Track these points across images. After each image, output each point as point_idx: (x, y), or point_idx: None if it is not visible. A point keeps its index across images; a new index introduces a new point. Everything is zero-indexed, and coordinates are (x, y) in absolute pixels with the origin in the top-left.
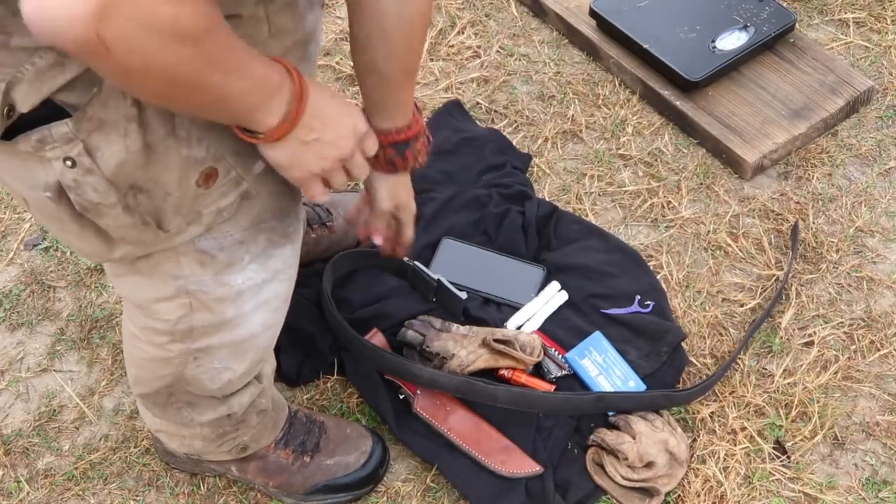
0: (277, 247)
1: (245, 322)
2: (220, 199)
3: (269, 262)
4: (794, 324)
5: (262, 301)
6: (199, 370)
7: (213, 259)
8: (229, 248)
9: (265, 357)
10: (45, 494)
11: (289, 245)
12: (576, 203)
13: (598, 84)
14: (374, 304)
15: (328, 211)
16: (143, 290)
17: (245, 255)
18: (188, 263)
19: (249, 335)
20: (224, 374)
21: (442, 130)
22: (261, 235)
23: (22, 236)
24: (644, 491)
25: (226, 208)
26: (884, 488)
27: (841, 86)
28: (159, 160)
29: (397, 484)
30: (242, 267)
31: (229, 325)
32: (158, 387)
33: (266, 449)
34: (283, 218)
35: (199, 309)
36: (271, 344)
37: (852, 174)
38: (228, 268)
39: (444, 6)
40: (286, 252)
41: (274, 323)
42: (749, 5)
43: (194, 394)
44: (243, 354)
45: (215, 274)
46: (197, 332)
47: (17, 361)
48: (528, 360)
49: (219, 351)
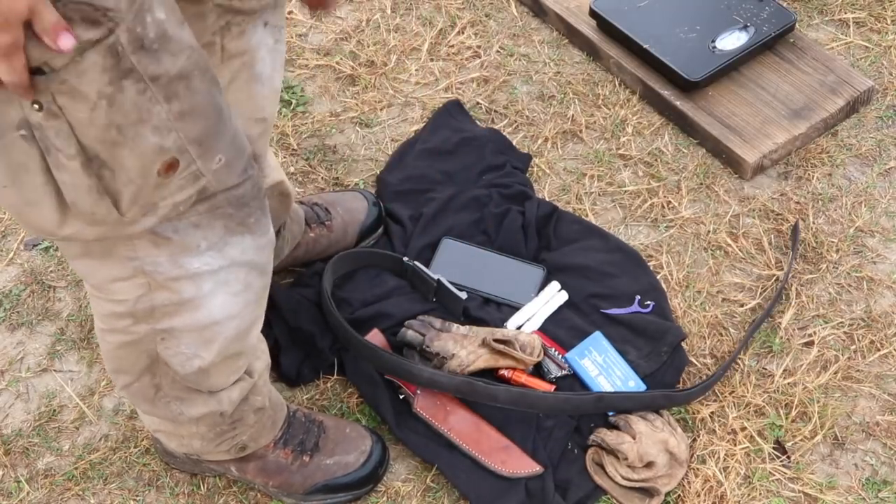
0: (234, 234)
1: (205, 304)
2: (178, 192)
3: (225, 250)
4: (794, 324)
5: (222, 283)
6: (169, 353)
7: (168, 241)
8: (184, 230)
9: (241, 351)
10: (45, 494)
11: (248, 235)
12: (576, 203)
13: (598, 84)
14: (374, 304)
15: (327, 210)
16: (99, 270)
17: (202, 240)
18: (142, 245)
19: (211, 320)
20: (194, 361)
21: (442, 130)
22: (217, 221)
23: (22, 236)
24: (644, 491)
25: (182, 202)
26: (884, 488)
27: (841, 86)
28: (126, 144)
29: (397, 484)
30: (199, 252)
31: (189, 306)
32: (139, 371)
33: (265, 449)
34: (240, 207)
35: (157, 288)
36: (242, 336)
37: (852, 174)
38: (184, 251)
39: (444, 6)
40: (245, 242)
41: (238, 313)
42: (749, 5)
43: (181, 386)
44: (210, 343)
45: (171, 255)
46: (158, 311)
47: (17, 361)
48: (528, 360)
49: (183, 335)
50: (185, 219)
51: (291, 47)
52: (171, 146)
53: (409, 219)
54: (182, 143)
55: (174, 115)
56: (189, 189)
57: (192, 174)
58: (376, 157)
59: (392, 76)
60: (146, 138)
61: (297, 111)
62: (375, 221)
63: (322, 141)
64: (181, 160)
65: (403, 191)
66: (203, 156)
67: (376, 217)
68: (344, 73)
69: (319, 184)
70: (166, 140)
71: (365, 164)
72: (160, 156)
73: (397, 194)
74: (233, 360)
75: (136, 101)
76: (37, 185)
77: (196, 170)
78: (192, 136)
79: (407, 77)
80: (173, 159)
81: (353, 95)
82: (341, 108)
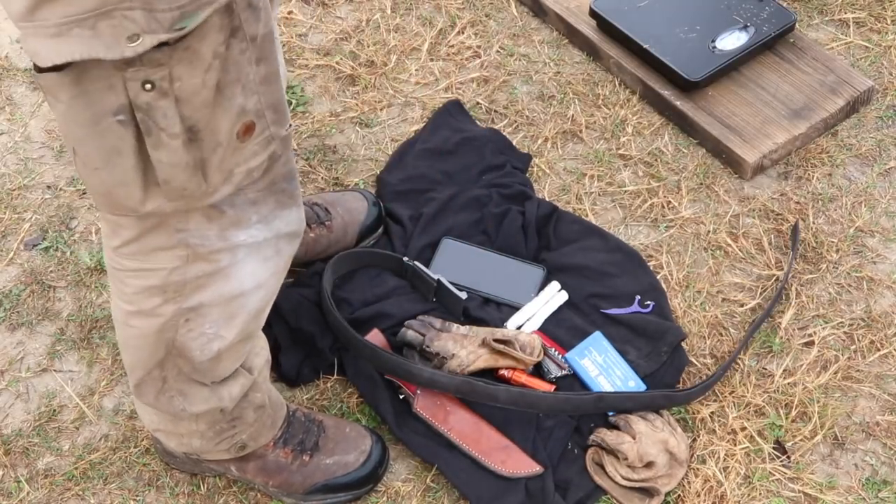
0: (285, 208)
1: (236, 272)
2: (252, 158)
3: (274, 223)
4: (794, 324)
5: (255, 250)
6: (190, 335)
7: (221, 214)
8: (240, 206)
9: (253, 334)
10: (45, 494)
11: (294, 207)
12: (576, 203)
13: (598, 84)
14: (374, 304)
15: (327, 210)
16: (146, 240)
17: (253, 214)
18: (195, 219)
19: (240, 290)
20: (214, 344)
21: (442, 130)
22: (272, 197)
23: (22, 236)
24: (644, 491)
25: (255, 168)
26: (884, 488)
27: (841, 86)
28: (222, 103)
29: (397, 484)
30: (248, 226)
31: (221, 275)
32: (152, 365)
33: (265, 448)
34: (291, 180)
35: (195, 260)
36: (260, 314)
37: (852, 174)
38: (235, 225)
39: (444, 6)
40: (292, 213)
41: (265, 281)
42: (749, 5)
43: (185, 378)
44: (233, 317)
45: (220, 230)
46: (190, 285)
47: (17, 361)
48: (528, 360)
49: (210, 310)
50: (243, 195)
51: (291, 47)
52: (252, 108)
53: (409, 219)
54: (261, 106)
55: (260, 77)
56: (262, 155)
57: (266, 139)
58: (376, 157)
59: (392, 76)
60: (235, 99)
61: (297, 111)
62: (375, 221)
63: (322, 141)
64: (258, 124)
65: (403, 191)
66: (277, 121)
67: (376, 217)
68: (344, 73)
69: (319, 184)
70: (249, 101)
71: (365, 164)
72: (241, 118)
73: (397, 194)
74: (245, 342)
75: (238, 60)
76: (128, 167)
77: (269, 135)
78: (269, 101)
79: (407, 77)
80: (251, 122)
81: (353, 95)
82: (341, 108)
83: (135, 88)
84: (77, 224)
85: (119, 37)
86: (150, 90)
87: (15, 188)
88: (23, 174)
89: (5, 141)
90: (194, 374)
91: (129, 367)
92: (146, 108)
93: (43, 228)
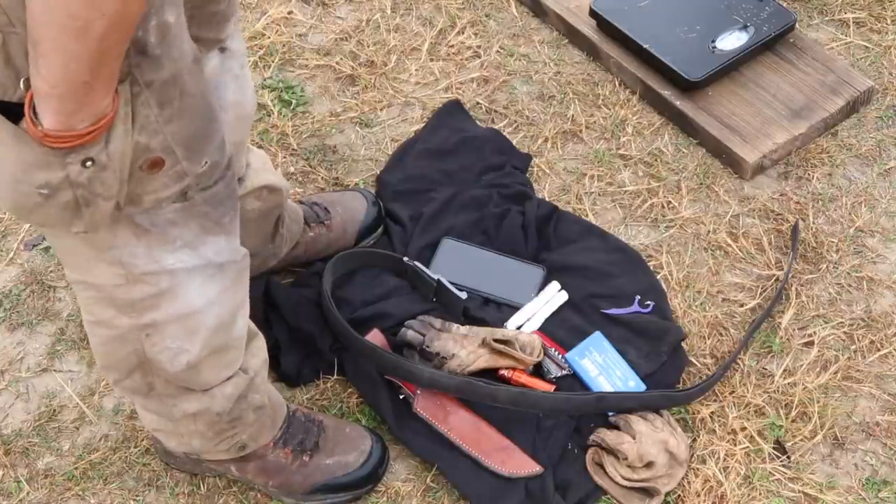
0: (210, 234)
1: (182, 292)
2: (162, 189)
3: (201, 249)
4: (794, 324)
5: (194, 272)
6: (155, 349)
7: (146, 232)
8: (161, 225)
9: (228, 345)
10: (45, 494)
11: (223, 235)
12: (576, 203)
13: (598, 84)
14: (374, 304)
15: (326, 210)
16: (81, 251)
17: (177, 238)
18: (123, 233)
19: (191, 308)
20: (181, 357)
21: (442, 130)
22: (192, 221)
23: (22, 236)
24: (644, 491)
25: (165, 199)
26: (884, 488)
27: (841, 86)
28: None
29: (397, 484)
30: (174, 249)
31: (168, 296)
32: (128, 369)
33: (265, 448)
34: (216, 206)
35: (134, 282)
36: (225, 327)
37: (852, 174)
38: (160, 245)
39: (444, 6)
40: (220, 242)
41: (216, 298)
42: (749, 5)
43: (171, 384)
44: (194, 333)
45: (148, 247)
46: (139, 305)
47: (17, 361)
48: (528, 360)
49: (167, 327)
50: (161, 215)
51: (291, 47)
52: (157, 146)
53: (409, 219)
54: (168, 144)
55: (164, 118)
56: (172, 187)
57: (177, 173)
58: (376, 157)
59: (392, 76)
60: (135, 137)
61: (297, 111)
62: (375, 221)
63: (322, 141)
64: (167, 160)
65: (403, 191)
66: (190, 158)
67: (376, 217)
68: (344, 73)
69: (319, 184)
70: (153, 141)
71: (365, 164)
72: (145, 153)
73: (397, 194)
74: (221, 354)
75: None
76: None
77: (181, 170)
78: (179, 139)
79: (407, 77)
80: (158, 158)
81: (353, 95)
82: (341, 108)
83: (74, 170)
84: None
85: None
86: (90, 167)
87: None
88: None
89: None
90: (178, 381)
91: (103, 368)
92: (87, 183)
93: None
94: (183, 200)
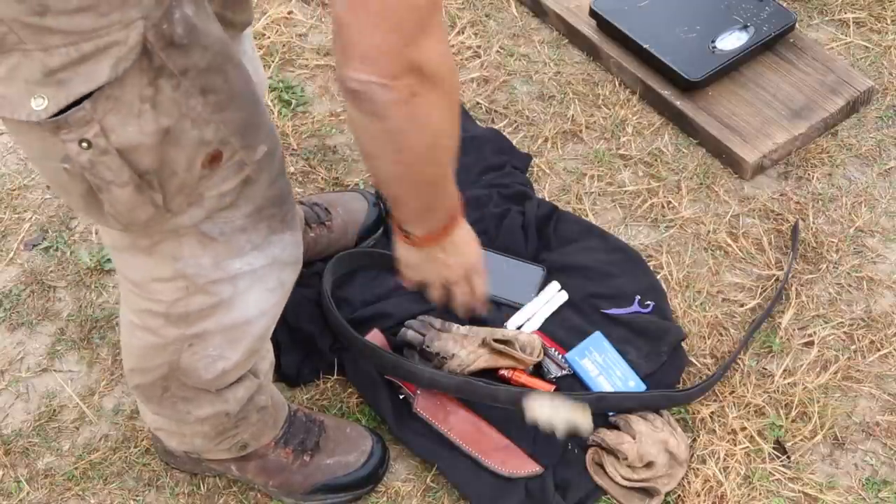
0: (277, 233)
1: (240, 303)
2: (222, 182)
3: (268, 249)
4: (794, 324)
5: (258, 280)
6: (194, 358)
7: (213, 242)
8: (230, 234)
9: (259, 349)
10: (45, 494)
11: (288, 231)
12: (576, 203)
13: (598, 84)
14: (374, 304)
15: (327, 210)
16: (142, 268)
17: (246, 243)
18: (189, 245)
19: (244, 319)
20: (218, 364)
21: None
22: (262, 223)
23: (22, 236)
24: (644, 491)
25: (227, 192)
26: (884, 488)
27: (841, 86)
28: (170, 140)
29: (397, 484)
30: (243, 254)
31: (224, 307)
32: (154, 378)
33: (266, 448)
34: (281, 204)
35: (195, 293)
36: (266, 334)
37: (852, 174)
38: (228, 253)
39: (445, 6)
40: (286, 238)
41: (269, 309)
42: (749, 5)
43: (189, 387)
44: (238, 342)
45: (215, 258)
46: (193, 316)
47: (17, 361)
48: (528, 360)
49: (213, 336)
50: (230, 223)
51: (291, 47)
52: (212, 137)
53: None
54: (223, 133)
55: (210, 106)
56: (233, 179)
57: (236, 164)
58: None
59: None
60: (187, 132)
61: (297, 111)
62: (375, 222)
63: (322, 141)
64: (224, 151)
65: None
66: (247, 146)
67: (376, 217)
68: None
69: (319, 184)
70: (206, 132)
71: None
72: (202, 148)
73: None
74: (251, 357)
75: (173, 97)
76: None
77: (240, 159)
78: (233, 127)
79: None
80: (216, 150)
81: None
82: (341, 107)
83: (74, 149)
84: (77, 224)
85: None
86: (87, 148)
87: (15, 188)
88: (23, 174)
89: (5, 141)
90: (199, 385)
91: (129, 370)
92: (90, 166)
93: (43, 228)
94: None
